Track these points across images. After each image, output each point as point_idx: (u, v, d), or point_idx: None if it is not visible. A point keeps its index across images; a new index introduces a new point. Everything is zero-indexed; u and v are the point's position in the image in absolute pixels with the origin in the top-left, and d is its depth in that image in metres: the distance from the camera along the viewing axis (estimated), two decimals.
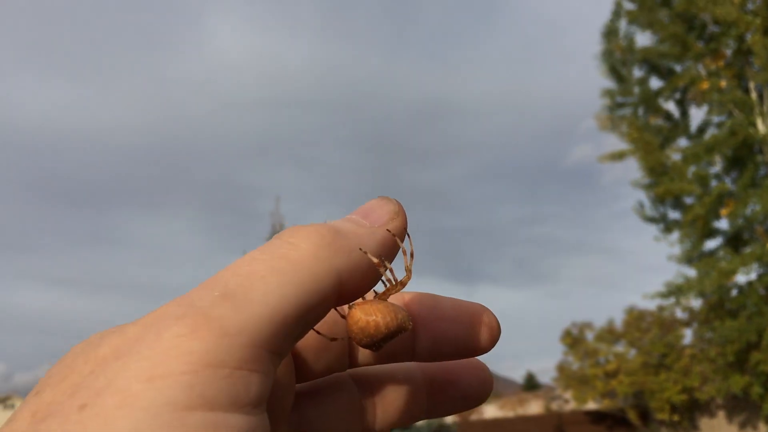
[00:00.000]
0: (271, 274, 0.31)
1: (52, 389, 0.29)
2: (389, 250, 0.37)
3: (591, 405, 17.14)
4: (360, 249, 0.34)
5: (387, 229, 0.37)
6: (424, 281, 0.42)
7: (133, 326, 0.30)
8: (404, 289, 0.42)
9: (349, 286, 0.34)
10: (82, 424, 0.26)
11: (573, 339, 17.05)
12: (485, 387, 0.44)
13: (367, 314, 0.37)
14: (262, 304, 0.30)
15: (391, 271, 0.38)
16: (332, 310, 0.39)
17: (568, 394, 18.60)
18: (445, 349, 0.41)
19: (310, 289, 0.32)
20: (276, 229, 15.97)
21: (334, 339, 0.39)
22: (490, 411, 21.02)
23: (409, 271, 0.40)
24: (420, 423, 9.51)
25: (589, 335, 16.99)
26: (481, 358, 0.45)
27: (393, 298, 0.41)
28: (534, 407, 21.84)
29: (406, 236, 0.38)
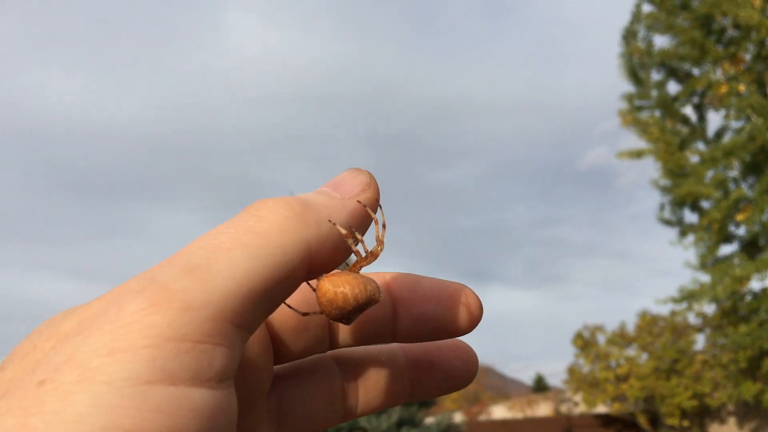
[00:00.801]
0: (236, 246, 0.30)
1: (13, 366, 0.29)
2: (361, 222, 0.36)
3: (601, 408, 17.06)
4: (329, 221, 0.34)
5: (358, 201, 0.36)
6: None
7: (97, 302, 0.30)
8: (387, 269, 0.42)
9: (320, 259, 0.34)
10: (41, 399, 0.25)
11: (584, 342, 16.98)
12: (469, 368, 0.43)
13: (335, 286, 0.36)
14: (226, 277, 0.29)
15: (362, 243, 0.37)
16: (308, 286, 0.39)
17: (577, 397, 18.52)
18: (426, 330, 0.41)
19: (278, 262, 0.31)
20: None
21: (305, 313, 0.39)
22: (498, 412, 20.99)
23: (380, 242, 0.39)
24: (429, 421, 9.47)
25: (601, 338, 16.92)
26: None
27: (375, 278, 0.40)
28: (543, 409, 21.77)
29: (379, 208, 0.38)
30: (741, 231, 13.56)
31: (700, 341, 15.74)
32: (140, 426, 0.25)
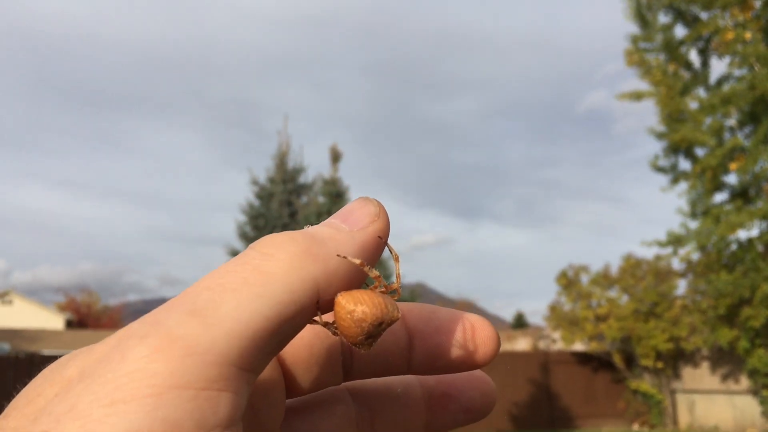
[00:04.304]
0: (242, 286, 0.30)
1: (17, 413, 0.29)
2: (371, 254, 0.35)
3: (578, 346, 17.44)
4: (338, 255, 0.33)
5: (379, 236, 0.35)
6: (427, 214, 0.38)
7: (100, 347, 0.30)
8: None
9: (328, 294, 0.33)
10: None
11: (568, 280, 17.21)
12: (487, 400, 0.43)
13: (355, 302, 0.35)
14: (231, 320, 0.29)
15: (376, 276, 0.36)
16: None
17: (556, 335, 18.87)
18: (442, 362, 0.40)
19: (284, 301, 0.31)
20: (282, 149, 15.88)
21: (335, 332, 0.37)
22: None
23: (398, 280, 0.39)
24: None
25: (585, 278, 17.16)
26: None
27: None
28: (522, 344, 22.23)
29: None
30: (732, 180, 13.62)
31: (681, 287, 16.00)
32: None
